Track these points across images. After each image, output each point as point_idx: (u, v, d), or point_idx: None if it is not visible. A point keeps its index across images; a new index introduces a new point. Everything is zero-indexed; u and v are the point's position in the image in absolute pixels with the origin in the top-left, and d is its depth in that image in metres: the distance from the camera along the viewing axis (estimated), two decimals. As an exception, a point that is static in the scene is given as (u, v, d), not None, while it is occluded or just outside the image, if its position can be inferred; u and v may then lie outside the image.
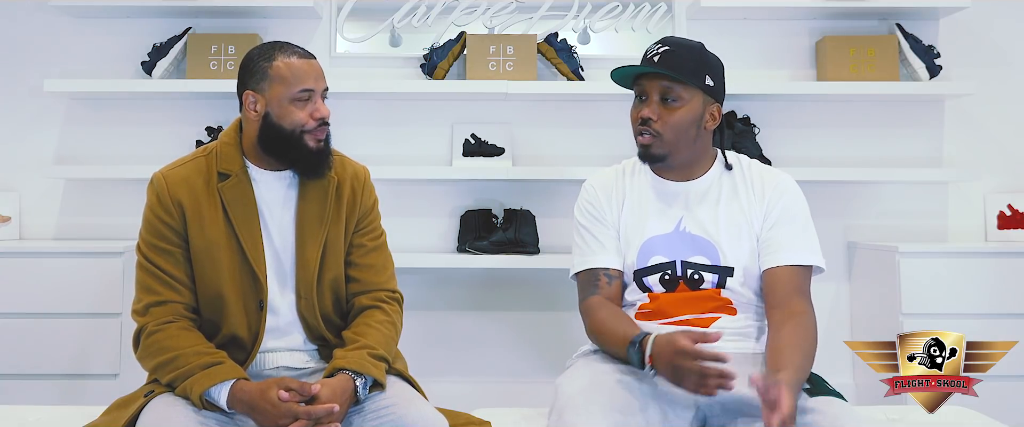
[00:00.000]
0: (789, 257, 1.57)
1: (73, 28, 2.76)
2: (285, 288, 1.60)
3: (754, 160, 1.72)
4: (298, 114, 1.55)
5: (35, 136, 2.76)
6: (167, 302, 1.53)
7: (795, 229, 1.60)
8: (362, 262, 1.66)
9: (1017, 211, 2.75)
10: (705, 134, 1.64)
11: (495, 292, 2.77)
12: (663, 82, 1.58)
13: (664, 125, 1.59)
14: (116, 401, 1.54)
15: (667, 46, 1.60)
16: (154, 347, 1.50)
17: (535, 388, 2.50)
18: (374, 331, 1.57)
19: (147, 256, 1.56)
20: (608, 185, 1.71)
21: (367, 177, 1.72)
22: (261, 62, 1.56)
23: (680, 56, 1.59)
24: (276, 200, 1.61)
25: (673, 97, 1.58)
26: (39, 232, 2.76)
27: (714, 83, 1.61)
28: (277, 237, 1.60)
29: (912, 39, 2.69)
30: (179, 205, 1.56)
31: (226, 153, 1.60)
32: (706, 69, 1.61)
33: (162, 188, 1.57)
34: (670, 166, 1.65)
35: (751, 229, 1.61)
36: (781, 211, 1.61)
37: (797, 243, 1.59)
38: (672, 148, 1.61)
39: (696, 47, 1.63)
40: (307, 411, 1.39)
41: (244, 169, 1.60)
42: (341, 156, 1.71)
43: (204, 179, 1.58)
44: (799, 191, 1.65)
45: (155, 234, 1.56)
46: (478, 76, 2.65)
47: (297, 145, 1.56)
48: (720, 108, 1.64)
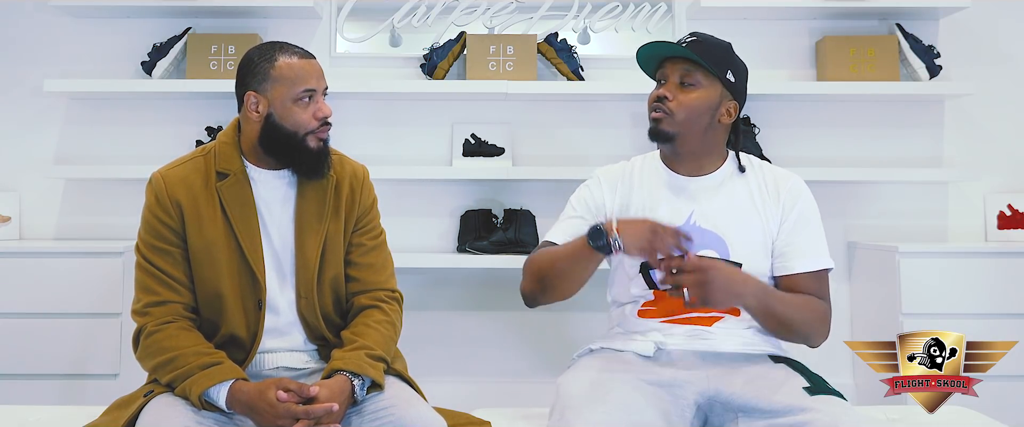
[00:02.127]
0: (807, 263, 1.59)
1: (73, 28, 2.76)
2: (285, 287, 1.60)
3: (763, 161, 1.73)
4: (301, 114, 1.56)
5: (35, 136, 2.76)
6: (167, 302, 1.53)
7: (810, 234, 1.61)
8: (361, 261, 1.65)
9: (1017, 211, 2.75)
10: (718, 128, 1.65)
11: (495, 292, 2.77)
12: (685, 65, 1.61)
13: (678, 105, 1.60)
14: (116, 401, 1.54)
15: (696, 37, 1.63)
16: (154, 347, 1.50)
17: (535, 388, 2.50)
18: (373, 331, 1.57)
19: (146, 256, 1.55)
20: (614, 179, 1.72)
21: (366, 176, 1.72)
22: (262, 63, 1.56)
23: (708, 46, 1.62)
24: (275, 199, 1.61)
25: (691, 81, 1.61)
26: (39, 232, 2.76)
27: (735, 80, 1.63)
28: (276, 236, 1.60)
29: (912, 39, 2.69)
30: (177, 205, 1.56)
31: (225, 153, 1.60)
32: (730, 65, 1.63)
33: (160, 188, 1.57)
34: (677, 152, 1.65)
35: (764, 227, 1.61)
36: (798, 216, 1.61)
37: (813, 249, 1.60)
38: (682, 129, 1.61)
39: (725, 44, 1.66)
40: (306, 411, 1.39)
41: (243, 169, 1.60)
42: (340, 155, 1.71)
43: (203, 179, 1.58)
44: (810, 193, 1.66)
45: (154, 234, 1.56)
46: (478, 76, 2.65)
47: (299, 146, 1.56)
48: (738, 107, 1.65)
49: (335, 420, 1.41)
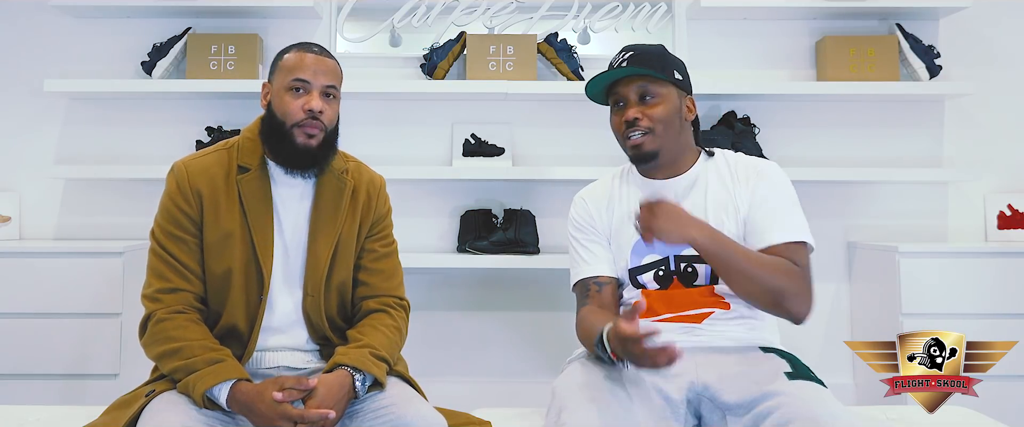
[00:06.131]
0: (779, 235, 1.56)
1: (73, 28, 2.76)
2: (291, 285, 1.60)
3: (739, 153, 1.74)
4: (290, 104, 1.57)
5: (35, 136, 2.76)
6: (177, 290, 1.54)
7: (782, 208, 1.60)
8: (372, 267, 1.67)
9: (1017, 211, 2.75)
10: (686, 127, 1.69)
11: (495, 292, 2.77)
12: (638, 83, 1.64)
13: (651, 121, 1.62)
14: (116, 401, 1.54)
15: (631, 51, 1.67)
16: (161, 335, 1.50)
17: (535, 388, 2.50)
18: (379, 333, 1.58)
19: (161, 243, 1.57)
20: (597, 194, 1.75)
21: (383, 185, 1.75)
22: (279, 56, 1.63)
23: (646, 56, 1.65)
24: (292, 197, 1.63)
25: (651, 94, 1.63)
26: (39, 232, 2.76)
27: (682, 77, 1.68)
28: (289, 234, 1.61)
29: (912, 39, 2.69)
30: (198, 194, 1.57)
31: (247, 147, 1.62)
32: (671, 65, 1.67)
33: (182, 176, 1.59)
34: (660, 164, 1.67)
35: (738, 214, 1.62)
36: (767, 191, 1.61)
37: (788, 222, 1.58)
38: (663, 142, 1.64)
39: (658, 48, 1.70)
40: (301, 414, 1.39)
41: (264, 164, 1.61)
42: (358, 162, 1.74)
43: (224, 171, 1.60)
44: (783, 175, 1.66)
45: (171, 221, 1.57)
46: (478, 76, 2.65)
47: (286, 137, 1.57)
48: (694, 100, 1.70)
49: (331, 425, 1.41)
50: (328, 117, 1.60)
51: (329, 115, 1.60)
